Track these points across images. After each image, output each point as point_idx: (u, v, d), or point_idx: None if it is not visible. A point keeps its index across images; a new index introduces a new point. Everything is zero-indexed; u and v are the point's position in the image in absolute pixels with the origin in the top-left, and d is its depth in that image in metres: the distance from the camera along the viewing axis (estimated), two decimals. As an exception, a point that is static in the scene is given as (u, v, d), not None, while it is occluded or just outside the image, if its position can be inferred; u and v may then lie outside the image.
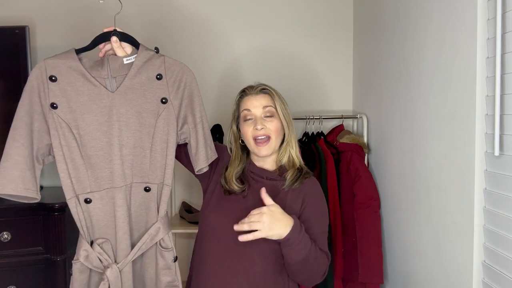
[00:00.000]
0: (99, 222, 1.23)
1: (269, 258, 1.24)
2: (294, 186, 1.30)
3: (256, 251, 1.23)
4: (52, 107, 1.19)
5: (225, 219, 1.25)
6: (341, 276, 1.96)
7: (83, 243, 1.22)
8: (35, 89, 1.19)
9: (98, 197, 1.22)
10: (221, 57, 2.27)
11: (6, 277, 1.73)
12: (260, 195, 1.19)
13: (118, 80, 1.24)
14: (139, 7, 2.20)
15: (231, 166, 1.35)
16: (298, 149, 1.37)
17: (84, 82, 1.21)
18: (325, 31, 2.31)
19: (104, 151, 1.22)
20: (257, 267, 1.23)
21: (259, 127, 1.27)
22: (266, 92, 1.32)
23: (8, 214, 1.73)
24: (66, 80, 1.20)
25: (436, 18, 1.45)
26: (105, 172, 1.22)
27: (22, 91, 1.20)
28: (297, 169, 1.32)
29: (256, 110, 1.30)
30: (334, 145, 2.08)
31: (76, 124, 1.20)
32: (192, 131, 1.30)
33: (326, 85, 2.33)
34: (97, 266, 1.22)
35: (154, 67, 1.26)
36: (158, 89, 1.26)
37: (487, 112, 1.24)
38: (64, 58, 1.21)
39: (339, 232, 1.96)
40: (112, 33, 1.24)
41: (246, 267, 1.23)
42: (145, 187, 1.26)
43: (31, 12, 2.16)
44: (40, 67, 1.20)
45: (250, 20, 2.28)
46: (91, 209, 1.22)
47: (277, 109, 1.30)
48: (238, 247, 1.22)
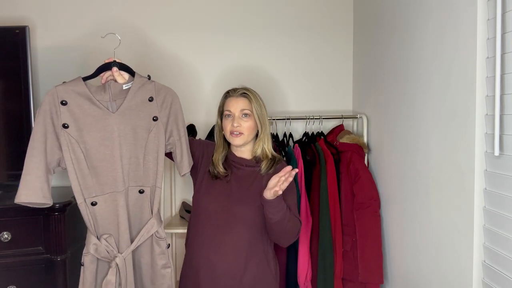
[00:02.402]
0: (103, 220, 1.47)
1: (252, 230, 1.53)
2: (269, 172, 1.58)
3: (242, 225, 1.52)
4: (64, 127, 1.42)
5: (214, 201, 1.56)
6: (341, 276, 1.96)
7: (92, 238, 1.46)
8: (48, 112, 1.41)
9: (102, 200, 1.46)
10: (221, 59, 2.28)
11: (6, 277, 1.73)
12: (241, 179, 1.57)
13: (118, 103, 1.49)
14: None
15: (216, 152, 1.63)
16: (272, 143, 1.64)
17: (90, 105, 1.44)
18: (325, 31, 2.31)
19: (107, 161, 1.46)
20: (242, 237, 1.52)
21: (235, 124, 1.55)
22: (245, 96, 1.58)
23: (8, 214, 1.73)
24: (75, 103, 1.43)
25: (436, 18, 1.45)
26: (108, 179, 1.46)
27: (37, 114, 1.41)
28: (270, 159, 1.60)
29: (235, 110, 1.57)
30: (334, 145, 2.08)
31: (83, 140, 1.44)
32: (177, 143, 1.58)
33: (326, 85, 2.33)
34: (104, 256, 1.47)
35: (147, 91, 1.52)
36: (150, 109, 1.52)
37: (487, 112, 1.24)
38: (73, 85, 1.44)
39: (339, 232, 1.95)
40: (112, 64, 1.48)
41: (233, 238, 1.52)
42: (139, 190, 1.51)
43: (31, 12, 2.16)
44: (52, 93, 1.42)
45: (250, 20, 2.28)
46: (96, 210, 1.46)
47: (253, 112, 1.57)
48: (226, 222, 1.52)
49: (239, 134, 1.55)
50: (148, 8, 2.23)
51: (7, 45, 1.94)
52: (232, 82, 2.27)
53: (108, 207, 1.46)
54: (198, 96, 2.27)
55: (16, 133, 1.96)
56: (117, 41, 1.56)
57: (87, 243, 1.47)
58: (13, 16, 2.15)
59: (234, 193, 1.55)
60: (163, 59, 2.24)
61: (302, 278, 1.90)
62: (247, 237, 1.53)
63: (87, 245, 1.47)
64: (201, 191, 1.60)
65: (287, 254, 1.96)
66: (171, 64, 2.25)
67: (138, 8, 2.23)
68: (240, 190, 1.56)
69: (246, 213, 1.52)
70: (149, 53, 2.23)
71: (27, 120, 1.95)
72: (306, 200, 1.94)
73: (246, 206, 1.53)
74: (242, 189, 1.56)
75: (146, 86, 1.52)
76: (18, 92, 1.95)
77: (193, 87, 2.27)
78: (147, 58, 2.22)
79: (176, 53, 2.25)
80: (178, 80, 2.24)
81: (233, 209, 1.52)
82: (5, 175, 1.98)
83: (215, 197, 1.56)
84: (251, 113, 1.57)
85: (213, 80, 2.28)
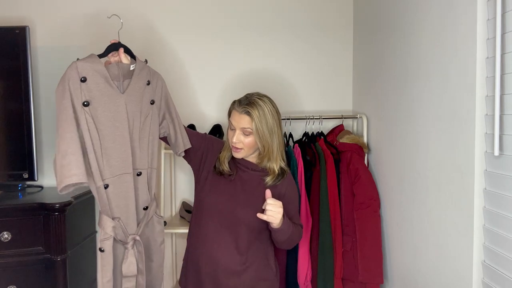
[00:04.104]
0: (113, 203, 1.45)
1: (254, 231, 1.56)
2: (276, 184, 1.58)
3: (245, 226, 1.54)
4: (84, 105, 1.36)
5: (219, 200, 1.57)
6: (341, 276, 1.96)
7: (108, 221, 1.43)
8: (71, 87, 1.34)
9: (111, 183, 1.43)
10: (220, 59, 2.28)
11: (6, 277, 1.73)
12: (247, 182, 1.57)
13: (125, 84, 1.47)
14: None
15: (224, 150, 1.62)
16: (280, 155, 1.59)
17: (105, 84, 1.41)
18: (325, 31, 2.31)
19: (118, 143, 1.44)
20: (244, 237, 1.55)
21: (234, 140, 1.53)
22: (248, 114, 1.51)
23: (8, 214, 1.73)
24: (93, 81, 1.38)
25: (436, 18, 1.45)
26: (117, 161, 1.44)
27: (57, 90, 1.34)
28: (277, 175, 1.58)
29: (236, 126, 1.53)
30: (334, 145, 2.08)
31: (98, 119, 1.39)
32: (170, 124, 1.61)
33: (326, 85, 2.33)
34: (121, 238, 1.47)
35: (145, 75, 1.53)
36: (148, 93, 1.53)
37: (487, 112, 1.24)
38: (91, 62, 1.39)
39: (339, 232, 1.95)
40: (119, 44, 1.49)
41: (236, 237, 1.54)
42: (137, 173, 1.51)
43: (31, 12, 2.17)
44: (73, 68, 1.35)
45: (249, 20, 2.28)
46: (108, 193, 1.43)
47: (253, 130, 1.51)
48: (229, 222, 1.54)
49: (239, 149, 1.54)
50: (149, 10, 2.23)
51: (7, 45, 1.94)
52: (232, 82, 2.27)
53: (116, 189, 1.44)
54: (193, 90, 2.27)
55: (16, 133, 1.96)
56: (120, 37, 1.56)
57: (105, 226, 1.42)
58: (13, 16, 2.15)
59: (239, 195, 1.56)
60: (169, 67, 2.24)
61: (302, 278, 1.91)
62: (249, 237, 1.55)
63: (104, 229, 1.43)
64: (205, 189, 1.60)
65: (287, 254, 1.96)
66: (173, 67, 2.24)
67: (139, 8, 2.23)
68: (244, 192, 1.57)
69: (249, 216, 1.53)
70: (154, 60, 2.23)
71: (27, 120, 1.95)
72: (306, 200, 1.94)
73: (250, 210, 1.53)
74: (246, 192, 1.57)
75: (145, 70, 1.54)
76: (18, 92, 1.95)
77: (188, 82, 2.27)
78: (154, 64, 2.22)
79: (181, 54, 2.25)
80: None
81: (237, 210, 1.54)
82: (5, 175, 1.98)
83: (220, 196, 1.57)
84: (252, 131, 1.51)
85: (213, 80, 2.28)
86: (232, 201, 1.55)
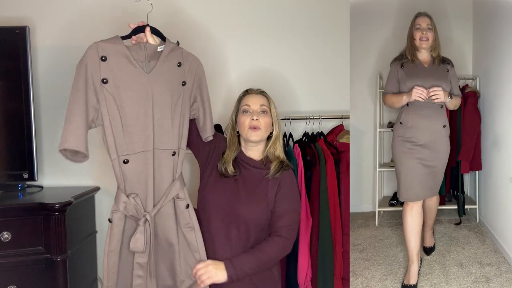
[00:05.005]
0: (132, 179, 1.49)
1: (256, 229, 1.55)
2: (276, 176, 1.59)
3: (247, 224, 1.54)
4: (103, 82, 1.43)
5: (221, 198, 1.58)
6: (341, 276, 1.96)
7: (122, 196, 1.48)
8: (89, 66, 1.43)
9: (133, 159, 1.47)
10: (224, 62, 2.28)
11: (6, 277, 1.73)
12: (248, 180, 1.59)
13: (152, 64, 1.51)
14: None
15: (229, 150, 1.64)
16: (281, 150, 1.65)
17: (127, 63, 1.47)
18: (324, 31, 2.31)
19: (140, 121, 1.48)
20: (246, 236, 1.55)
21: (255, 117, 1.59)
22: (263, 95, 1.66)
23: (8, 214, 1.73)
24: (114, 60, 1.45)
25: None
26: (139, 138, 1.48)
27: (76, 66, 1.44)
28: (280, 161, 1.62)
29: (254, 106, 1.62)
30: (334, 145, 2.08)
31: (120, 97, 1.45)
32: (200, 108, 1.64)
33: (326, 85, 2.33)
34: (133, 215, 1.49)
35: (176, 56, 1.57)
36: (179, 74, 1.57)
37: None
38: (112, 43, 1.47)
39: (339, 232, 1.96)
40: (145, 26, 1.53)
41: (238, 236, 1.55)
42: (172, 152, 1.54)
43: (31, 12, 2.16)
44: (93, 48, 1.44)
45: (248, 20, 2.28)
46: (127, 169, 1.47)
47: (270, 109, 1.64)
48: (231, 220, 1.55)
49: (256, 128, 1.58)
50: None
51: (7, 45, 1.94)
52: (232, 82, 2.27)
53: (138, 166, 1.48)
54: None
55: (16, 133, 1.96)
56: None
57: (117, 201, 1.49)
58: (13, 16, 2.15)
59: (241, 193, 1.58)
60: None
61: (302, 278, 1.90)
62: (251, 236, 1.56)
63: (116, 203, 1.49)
64: (208, 187, 1.63)
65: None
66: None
67: (139, 9, 2.23)
68: (246, 190, 1.58)
69: (251, 214, 1.55)
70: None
71: (27, 120, 1.95)
72: (306, 200, 1.94)
73: (252, 207, 1.55)
74: (248, 189, 1.58)
75: (176, 51, 1.57)
76: (18, 92, 1.95)
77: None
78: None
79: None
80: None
81: (239, 208, 1.55)
82: (5, 175, 1.98)
83: (222, 194, 1.59)
84: (269, 110, 1.63)
85: (213, 80, 2.27)
86: (234, 199, 1.57)
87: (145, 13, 1.63)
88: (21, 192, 2.01)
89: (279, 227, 1.55)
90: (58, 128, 2.15)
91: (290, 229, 1.57)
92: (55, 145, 2.18)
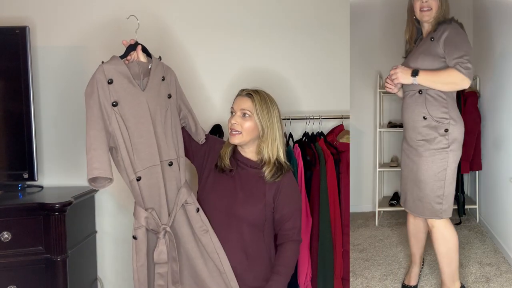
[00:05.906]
0: (146, 194, 1.53)
1: (255, 230, 1.57)
2: (275, 180, 1.57)
3: (246, 225, 1.56)
4: (113, 105, 1.47)
5: (218, 199, 1.60)
6: (341, 276, 1.97)
7: (142, 211, 1.52)
8: (100, 90, 1.46)
9: (143, 175, 1.51)
10: (224, 62, 2.27)
11: (6, 277, 1.73)
12: (246, 180, 1.59)
13: (144, 82, 1.56)
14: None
15: (225, 146, 1.66)
16: (280, 147, 1.60)
17: (128, 83, 1.51)
18: (324, 31, 2.31)
19: (145, 137, 1.52)
20: (245, 237, 1.56)
21: (233, 121, 1.58)
22: (250, 97, 1.59)
23: (8, 214, 1.73)
24: (118, 82, 1.49)
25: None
26: (146, 154, 1.52)
27: (86, 91, 1.46)
28: (273, 164, 1.58)
29: (237, 109, 1.60)
30: (334, 145, 2.08)
31: (126, 118, 1.50)
32: (188, 115, 1.70)
33: (326, 85, 2.33)
34: (153, 228, 1.53)
35: (160, 71, 1.62)
36: (164, 88, 1.61)
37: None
38: (114, 64, 1.50)
39: (339, 232, 1.96)
40: (137, 44, 1.57)
41: (237, 237, 1.56)
42: (169, 163, 1.57)
43: (31, 12, 2.16)
44: (100, 72, 1.46)
45: (248, 20, 2.27)
46: (141, 185, 1.51)
47: (253, 113, 1.57)
48: (231, 221, 1.57)
49: (238, 133, 1.57)
50: (150, 11, 2.23)
51: (7, 45, 1.94)
52: (232, 82, 2.27)
53: (148, 181, 1.52)
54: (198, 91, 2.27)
55: (16, 133, 1.96)
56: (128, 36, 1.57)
57: (138, 216, 1.53)
58: (13, 16, 2.15)
59: (239, 193, 1.59)
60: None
61: (302, 278, 1.91)
62: (250, 237, 1.57)
63: (138, 219, 1.53)
64: (206, 188, 1.65)
65: (287, 254, 1.95)
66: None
67: (140, 10, 2.23)
68: (243, 190, 1.59)
69: (249, 214, 1.56)
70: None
71: (27, 120, 1.95)
72: (306, 200, 1.94)
73: (249, 208, 1.56)
74: (245, 189, 1.60)
75: (159, 66, 1.62)
76: (18, 92, 1.95)
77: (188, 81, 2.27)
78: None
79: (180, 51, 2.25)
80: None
81: (237, 209, 1.57)
82: (5, 175, 1.98)
83: (220, 195, 1.61)
84: (251, 114, 1.57)
85: (212, 80, 2.28)
86: (232, 200, 1.58)
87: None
88: (21, 192, 2.01)
89: (288, 229, 1.58)
90: (58, 128, 2.17)
91: (299, 230, 1.62)
92: (55, 145, 2.20)
